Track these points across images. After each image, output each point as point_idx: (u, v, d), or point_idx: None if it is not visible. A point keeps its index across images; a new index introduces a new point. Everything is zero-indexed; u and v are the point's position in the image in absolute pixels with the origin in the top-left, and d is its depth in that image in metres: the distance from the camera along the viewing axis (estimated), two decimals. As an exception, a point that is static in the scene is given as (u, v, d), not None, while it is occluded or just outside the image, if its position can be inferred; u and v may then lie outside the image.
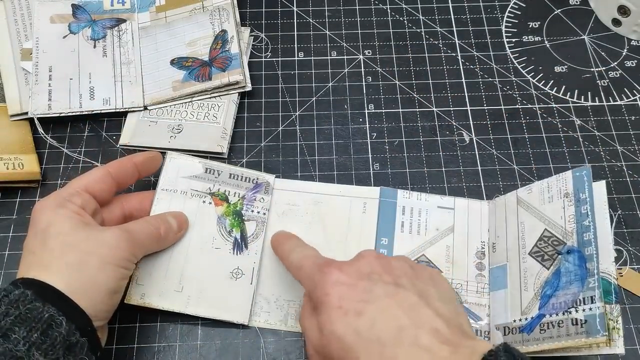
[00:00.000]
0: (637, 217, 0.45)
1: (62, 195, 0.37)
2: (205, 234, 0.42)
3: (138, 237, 0.37)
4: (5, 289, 0.31)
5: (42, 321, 0.30)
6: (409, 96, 0.51)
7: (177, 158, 0.44)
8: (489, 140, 0.49)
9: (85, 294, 0.33)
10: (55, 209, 0.35)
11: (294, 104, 0.51)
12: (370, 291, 0.32)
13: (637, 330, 0.41)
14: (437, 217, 0.44)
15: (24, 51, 0.50)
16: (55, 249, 0.34)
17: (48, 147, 0.48)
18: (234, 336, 0.41)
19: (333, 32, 0.55)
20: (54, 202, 0.36)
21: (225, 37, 0.51)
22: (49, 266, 0.33)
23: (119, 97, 0.49)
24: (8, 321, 0.30)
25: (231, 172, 0.44)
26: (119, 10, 0.52)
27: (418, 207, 0.44)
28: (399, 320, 0.30)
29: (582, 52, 0.54)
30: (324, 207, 0.44)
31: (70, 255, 0.34)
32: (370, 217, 0.44)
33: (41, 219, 0.35)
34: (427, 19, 0.56)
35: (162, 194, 0.43)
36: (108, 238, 0.35)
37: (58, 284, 0.32)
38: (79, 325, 0.32)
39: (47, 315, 0.30)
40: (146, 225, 0.39)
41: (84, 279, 0.33)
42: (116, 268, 0.35)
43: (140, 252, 0.38)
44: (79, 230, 0.35)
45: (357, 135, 0.49)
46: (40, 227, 0.35)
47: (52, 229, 0.35)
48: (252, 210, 0.43)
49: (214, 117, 0.48)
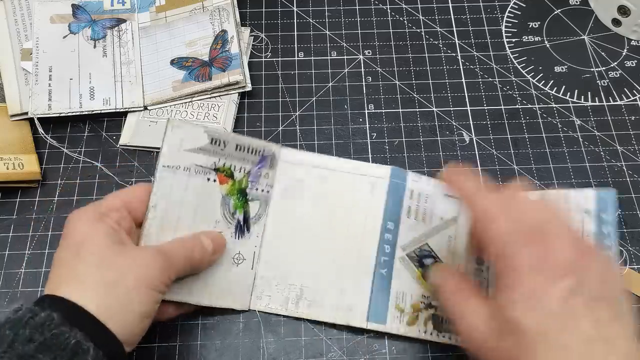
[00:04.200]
0: (637, 217, 0.46)
1: (100, 209, 0.35)
2: (210, 217, 0.40)
3: (174, 260, 0.35)
4: (32, 310, 0.30)
5: (67, 349, 0.29)
6: (409, 96, 0.51)
7: (181, 126, 0.39)
8: (489, 140, 0.49)
9: (118, 315, 0.31)
10: (93, 223, 0.34)
11: (294, 104, 0.51)
12: (567, 291, 0.29)
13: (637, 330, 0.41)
14: (442, 205, 0.42)
15: (24, 51, 0.50)
16: (91, 264, 0.32)
17: (48, 147, 0.48)
18: (234, 336, 0.41)
19: (333, 32, 0.55)
20: (92, 215, 0.34)
21: (225, 37, 0.51)
22: (83, 281, 0.32)
23: (119, 97, 0.49)
24: (32, 347, 0.28)
25: (238, 142, 0.40)
26: (119, 11, 0.52)
27: (426, 193, 0.42)
28: (587, 332, 0.28)
29: (582, 52, 0.54)
30: (330, 185, 0.42)
31: (106, 272, 0.32)
32: (378, 199, 0.42)
33: (77, 231, 0.34)
34: (427, 19, 0.56)
35: (165, 172, 0.39)
36: (145, 259, 0.33)
37: (90, 304, 0.30)
38: (107, 352, 0.30)
39: (73, 342, 0.29)
40: (182, 247, 0.37)
41: (118, 299, 0.32)
42: (151, 291, 0.33)
43: (175, 275, 0.35)
44: (116, 248, 0.33)
45: (357, 135, 0.49)
46: (75, 239, 0.33)
47: (88, 243, 0.33)
48: (256, 189, 0.41)
49: (214, 117, 0.48)
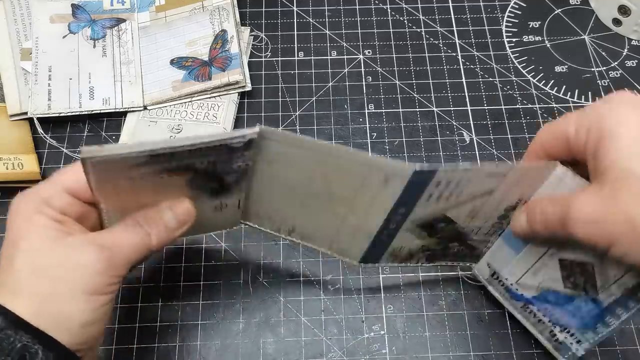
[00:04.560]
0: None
1: (41, 196, 0.31)
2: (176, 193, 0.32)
3: (120, 257, 0.30)
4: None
5: (14, 351, 0.26)
6: (409, 96, 0.51)
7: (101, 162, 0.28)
8: (489, 140, 0.49)
9: (58, 325, 0.28)
10: (30, 215, 0.30)
11: (294, 104, 0.51)
12: None
13: (637, 331, 0.41)
14: (478, 184, 0.33)
15: (23, 51, 0.50)
16: (22, 273, 0.29)
17: (48, 147, 0.48)
18: (234, 336, 0.41)
19: (333, 32, 0.55)
20: (32, 205, 0.30)
21: (225, 37, 0.51)
22: (15, 292, 0.29)
23: (119, 97, 0.49)
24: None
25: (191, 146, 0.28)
26: (118, 10, 0.52)
27: (459, 179, 0.32)
28: None
29: (582, 51, 0.54)
30: (330, 167, 0.33)
31: (37, 284, 0.29)
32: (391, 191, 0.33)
33: (14, 224, 0.30)
34: (427, 18, 0.56)
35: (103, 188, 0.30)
36: (83, 260, 0.29)
37: (25, 315, 0.28)
38: (58, 355, 0.28)
39: (19, 345, 0.27)
40: (130, 234, 0.31)
41: (54, 310, 0.29)
42: (92, 297, 0.29)
43: (124, 271, 0.31)
44: (52, 249, 0.29)
45: (357, 135, 0.49)
46: (12, 236, 0.30)
47: (22, 244, 0.29)
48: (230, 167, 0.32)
49: (214, 117, 0.48)
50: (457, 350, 0.40)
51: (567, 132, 0.31)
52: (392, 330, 0.41)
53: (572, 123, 0.31)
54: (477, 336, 0.41)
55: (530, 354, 0.40)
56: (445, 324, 0.41)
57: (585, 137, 0.29)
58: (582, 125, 0.30)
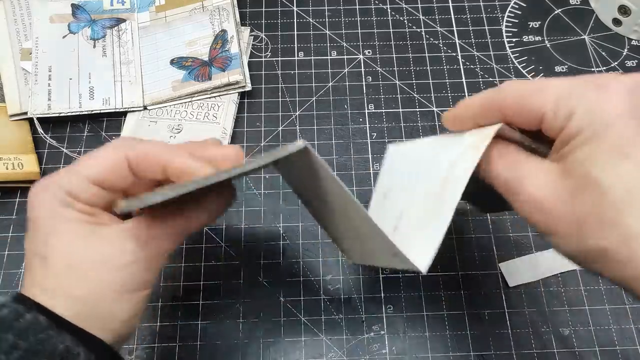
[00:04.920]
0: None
1: (64, 188, 0.29)
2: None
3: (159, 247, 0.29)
4: (17, 311, 0.26)
5: (56, 354, 0.26)
6: (409, 96, 0.51)
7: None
8: (489, 140, 0.49)
9: (99, 324, 0.28)
10: (56, 209, 0.29)
11: (294, 104, 0.51)
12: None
13: (637, 331, 0.41)
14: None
15: (23, 51, 0.50)
16: (58, 272, 0.28)
17: (48, 147, 0.48)
18: (234, 336, 0.41)
19: (333, 32, 0.55)
20: (55, 198, 0.29)
21: (225, 37, 0.51)
22: (53, 293, 0.28)
23: (119, 97, 0.49)
24: (16, 356, 0.25)
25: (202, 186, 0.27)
26: (118, 10, 0.52)
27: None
28: None
29: (582, 51, 0.54)
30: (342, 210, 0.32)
31: (76, 284, 0.28)
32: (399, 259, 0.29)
33: (39, 220, 0.29)
34: (427, 18, 0.56)
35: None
36: (123, 259, 0.28)
37: (66, 315, 0.27)
38: (101, 356, 0.28)
39: (62, 347, 0.26)
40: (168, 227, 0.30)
41: (94, 312, 0.28)
42: (132, 294, 0.29)
43: (165, 259, 0.30)
44: (87, 245, 0.28)
45: (357, 135, 0.49)
46: (39, 233, 0.29)
47: (53, 241, 0.28)
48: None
49: (214, 117, 0.48)
50: (457, 350, 0.40)
51: (542, 111, 0.27)
52: (392, 330, 0.41)
53: (550, 101, 0.26)
54: (477, 336, 0.41)
55: (530, 354, 0.40)
56: (445, 324, 0.41)
57: (564, 123, 0.26)
58: (564, 108, 0.26)
